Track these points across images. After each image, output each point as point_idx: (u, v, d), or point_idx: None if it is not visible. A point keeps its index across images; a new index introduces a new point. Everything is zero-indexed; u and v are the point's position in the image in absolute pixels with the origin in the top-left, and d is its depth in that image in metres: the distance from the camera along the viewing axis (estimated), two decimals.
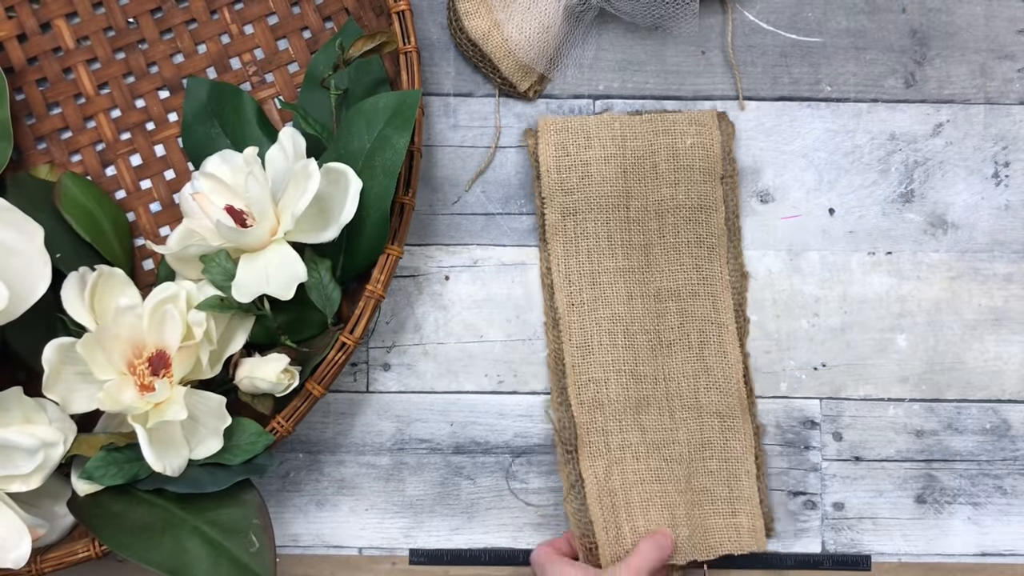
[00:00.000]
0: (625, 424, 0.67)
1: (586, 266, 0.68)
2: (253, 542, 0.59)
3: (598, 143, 0.67)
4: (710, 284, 0.68)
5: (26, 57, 0.68)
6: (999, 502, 0.69)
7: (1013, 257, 0.69)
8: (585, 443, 0.67)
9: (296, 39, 0.69)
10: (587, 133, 0.67)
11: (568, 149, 0.67)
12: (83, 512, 0.60)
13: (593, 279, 0.68)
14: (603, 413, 0.67)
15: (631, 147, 0.67)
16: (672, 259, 0.68)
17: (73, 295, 0.59)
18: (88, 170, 0.69)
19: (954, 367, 0.69)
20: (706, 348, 0.68)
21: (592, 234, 0.68)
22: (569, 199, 0.67)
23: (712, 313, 0.68)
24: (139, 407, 0.57)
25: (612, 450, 0.67)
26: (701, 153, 0.67)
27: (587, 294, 0.68)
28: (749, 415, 0.68)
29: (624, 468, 0.67)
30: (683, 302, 0.68)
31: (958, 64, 0.70)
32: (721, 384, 0.68)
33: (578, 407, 0.67)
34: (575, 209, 0.68)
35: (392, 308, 0.69)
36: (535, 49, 0.67)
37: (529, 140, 0.69)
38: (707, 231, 0.68)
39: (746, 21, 0.70)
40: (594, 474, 0.67)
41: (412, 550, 0.69)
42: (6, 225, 0.56)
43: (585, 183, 0.67)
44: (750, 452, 0.68)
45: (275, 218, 0.59)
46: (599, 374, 0.67)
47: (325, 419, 0.69)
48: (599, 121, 0.68)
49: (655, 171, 0.67)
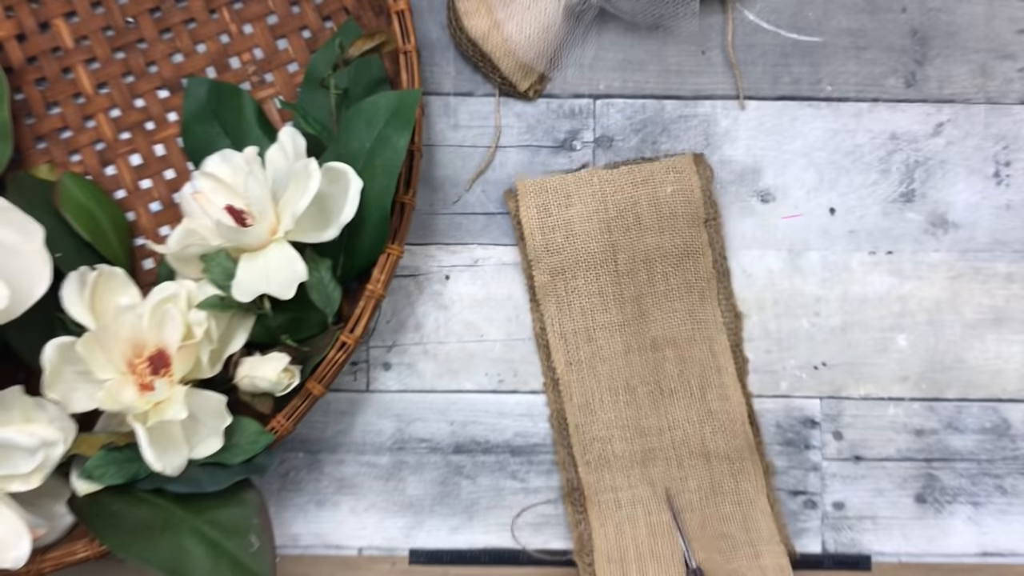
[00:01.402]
0: (633, 479, 0.67)
1: (580, 323, 0.68)
2: (253, 542, 0.59)
3: (579, 200, 0.67)
4: (705, 328, 0.68)
5: (25, 57, 0.68)
6: (999, 501, 0.69)
7: (1014, 257, 0.69)
8: (594, 503, 0.67)
9: (296, 39, 0.69)
10: (567, 192, 0.67)
11: (550, 210, 0.67)
12: (83, 512, 0.60)
13: (589, 336, 0.68)
14: (610, 471, 0.67)
15: (612, 201, 0.67)
16: (665, 307, 0.68)
17: (73, 295, 0.59)
18: (88, 170, 0.68)
19: (954, 366, 0.69)
20: (708, 393, 0.68)
21: (583, 291, 0.68)
22: (556, 259, 0.67)
23: (710, 357, 0.68)
24: (139, 406, 0.57)
25: (623, 507, 0.67)
26: (682, 199, 0.67)
27: (584, 352, 0.68)
28: (758, 454, 0.68)
29: (636, 523, 0.66)
30: (680, 349, 0.68)
31: (959, 64, 0.70)
32: (727, 427, 0.67)
33: (584, 467, 0.67)
34: (563, 268, 0.67)
35: (392, 307, 0.69)
36: (535, 48, 0.67)
37: (510, 203, 0.69)
38: (696, 276, 0.68)
39: (746, 21, 0.70)
40: (604, 533, 0.66)
41: (412, 550, 0.69)
42: (6, 225, 0.56)
43: (570, 241, 0.67)
44: (762, 491, 0.67)
45: (275, 218, 0.59)
46: (603, 432, 0.67)
47: (325, 418, 0.69)
48: (578, 179, 0.68)
49: (639, 222, 0.67)
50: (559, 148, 0.70)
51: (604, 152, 0.70)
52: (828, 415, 0.69)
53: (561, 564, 0.68)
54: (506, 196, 0.69)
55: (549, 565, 0.68)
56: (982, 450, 0.69)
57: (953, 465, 0.69)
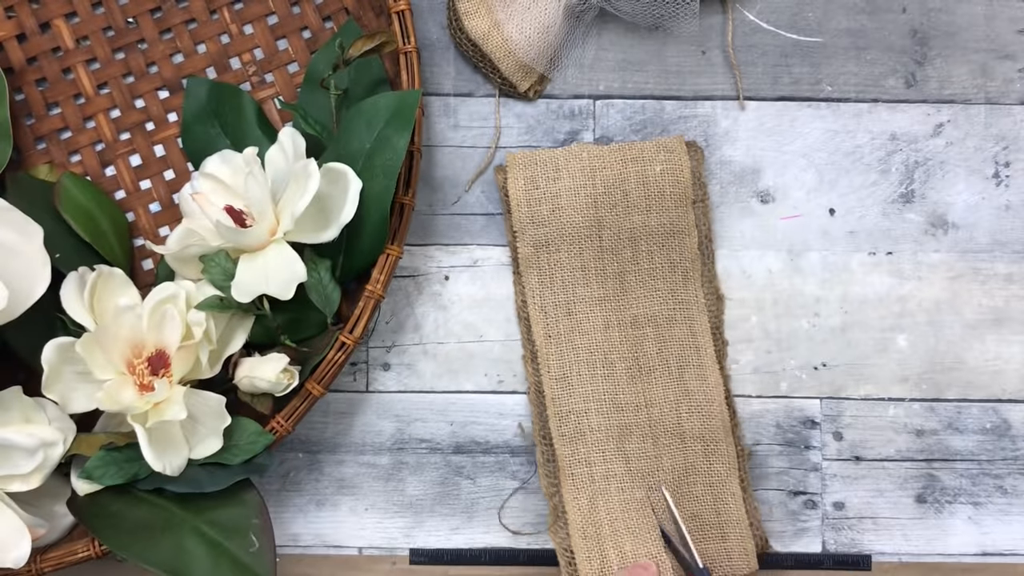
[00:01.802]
0: (608, 454, 0.67)
1: (561, 297, 0.68)
2: (253, 542, 0.59)
3: (567, 174, 0.67)
4: (686, 309, 0.68)
5: (26, 57, 0.68)
6: (999, 502, 0.69)
7: (1014, 257, 0.69)
8: (568, 475, 0.67)
9: (296, 39, 0.69)
10: (556, 165, 0.67)
11: (538, 182, 0.67)
12: (83, 512, 0.60)
13: (569, 309, 0.68)
14: (585, 444, 0.67)
15: (601, 177, 0.67)
16: (647, 286, 0.68)
17: (73, 295, 0.59)
18: (88, 170, 0.69)
19: (954, 367, 0.69)
20: (686, 373, 0.68)
21: (566, 265, 0.68)
22: (541, 231, 0.67)
23: (690, 337, 0.68)
24: (138, 407, 0.57)
25: (596, 481, 0.66)
26: (671, 179, 0.67)
27: (563, 324, 0.68)
28: (733, 437, 0.68)
29: (609, 498, 0.66)
30: (660, 328, 0.68)
31: (959, 64, 0.70)
32: (703, 407, 0.67)
33: (559, 439, 0.67)
34: (547, 241, 0.67)
35: (392, 308, 0.69)
36: (535, 49, 0.67)
37: (498, 176, 0.69)
38: (681, 256, 0.68)
39: (746, 21, 0.70)
40: (578, 506, 0.66)
41: (412, 550, 0.69)
42: (6, 225, 0.56)
43: (556, 215, 0.67)
44: (734, 473, 0.67)
45: (275, 218, 0.59)
46: (579, 405, 0.67)
47: (325, 419, 0.69)
48: (567, 153, 0.68)
49: (626, 199, 0.67)
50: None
51: None
52: (828, 415, 0.69)
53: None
54: (495, 171, 0.69)
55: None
56: (982, 450, 0.69)
57: (953, 465, 0.69)
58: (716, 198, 0.70)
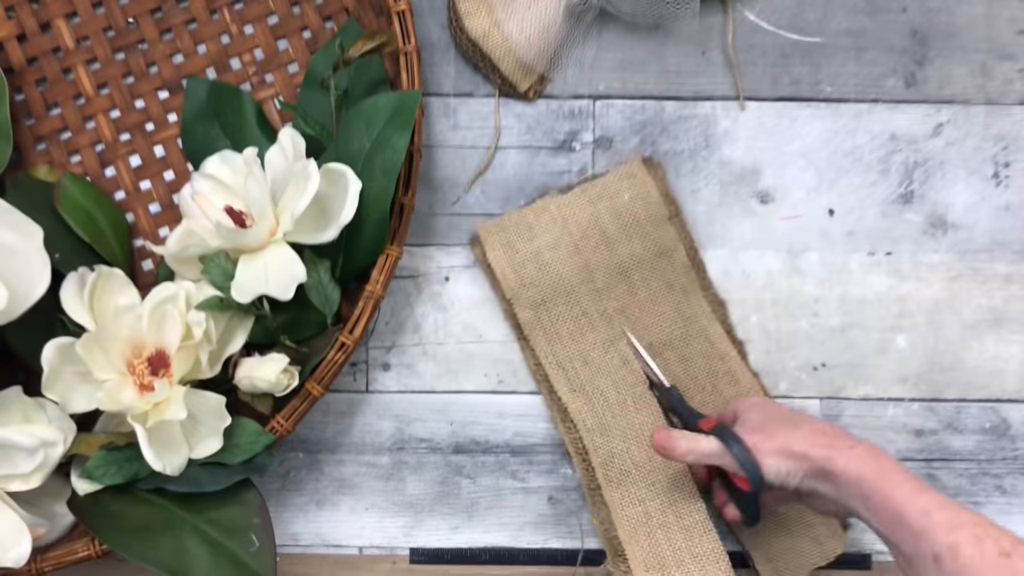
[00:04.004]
0: (658, 486, 0.65)
1: (572, 349, 0.67)
2: (253, 542, 0.59)
3: (541, 230, 0.67)
4: (696, 322, 0.68)
5: (26, 57, 0.68)
6: (999, 501, 0.69)
7: (1013, 257, 0.69)
8: (622, 517, 0.65)
9: (296, 39, 0.69)
10: (527, 224, 0.67)
11: (515, 246, 0.67)
12: (83, 511, 0.60)
13: (584, 358, 0.67)
14: (633, 482, 0.65)
15: (574, 223, 0.67)
16: (652, 312, 0.68)
17: (72, 295, 0.59)
18: (87, 171, 0.69)
19: (954, 367, 0.69)
20: (719, 383, 0.68)
21: (568, 316, 0.67)
22: (534, 292, 0.67)
23: (710, 348, 0.68)
24: (139, 407, 0.57)
25: (652, 516, 0.65)
26: (642, 203, 0.67)
27: (584, 374, 0.67)
28: None
29: (669, 530, 0.64)
30: (678, 349, 0.68)
31: (958, 64, 0.70)
32: None
33: (607, 485, 0.65)
34: (543, 299, 0.67)
35: (392, 308, 0.69)
36: (535, 49, 0.67)
37: (475, 250, 0.68)
38: (674, 274, 0.68)
39: (746, 21, 0.70)
40: (637, 544, 0.64)
41: (412, 549, 0.69)
42: (6, 225, 0.56)
43: (544, 272, 0.67)
44: None
45: (274, 219, 0.59)
46: (620, 445, 0.66)
47: (325, 419, 0.69)
48: (535, 210, 0.68)
49: (605, 237, 0.67)
50: (559, 149, 0.70)
51: (603, 153, 0.70)
52: (828, 415, 0.69)
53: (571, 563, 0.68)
54: (471, 245, 0.69)
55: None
56: (982, 450, 0.69)
57: (953, 465, 0.69)
58: (716, 198, 0.70)
